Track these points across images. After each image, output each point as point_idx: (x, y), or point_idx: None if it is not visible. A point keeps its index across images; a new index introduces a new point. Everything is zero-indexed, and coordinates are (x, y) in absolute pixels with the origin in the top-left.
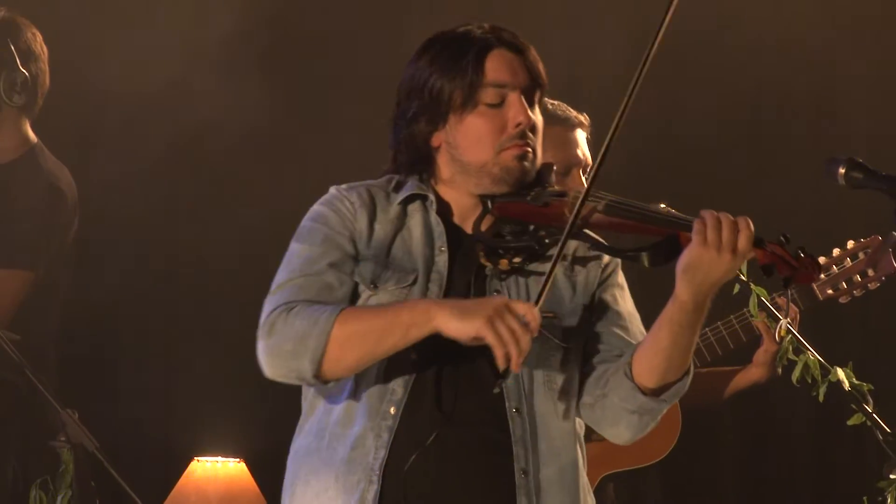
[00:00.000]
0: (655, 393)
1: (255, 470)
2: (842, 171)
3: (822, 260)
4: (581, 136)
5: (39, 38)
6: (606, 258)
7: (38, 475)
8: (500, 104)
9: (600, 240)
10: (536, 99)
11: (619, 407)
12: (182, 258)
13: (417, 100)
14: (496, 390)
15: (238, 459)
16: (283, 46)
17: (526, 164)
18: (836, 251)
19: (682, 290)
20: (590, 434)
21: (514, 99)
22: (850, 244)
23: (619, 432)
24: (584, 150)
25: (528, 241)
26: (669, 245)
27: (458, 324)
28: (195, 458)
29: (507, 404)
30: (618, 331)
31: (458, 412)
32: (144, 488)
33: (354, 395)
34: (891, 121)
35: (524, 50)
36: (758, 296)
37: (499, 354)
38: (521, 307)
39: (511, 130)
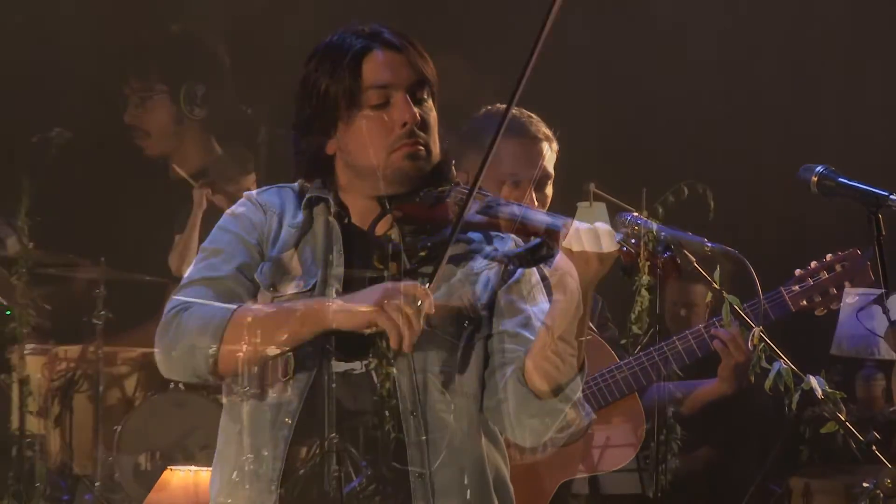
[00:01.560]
0: (552, 394)
1: None
2: (814, 179)
3: (797, 272)
4: (545, 149)
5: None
6: None
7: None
8: (385, 104)
9: (481, 243)
10: (425, 95)
11: (517, 413)
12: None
13: (308, 107)
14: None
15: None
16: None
17: (418, 162)
18: (813, 263)
19: (559, 296)
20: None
21: (399, 98)
22: (829, 257)
23: (523, 436)
24: (543, 164)
25: (420, 243)
26: (538, 248)
27: (350, 318)
28: (169, 467)
29: (400, 406)
30: (520, 330)
31: (354, 417)
32: (118, 497)
33: (256, 407)
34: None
35: (405, 48)
36: (730, 304)
37: (393, 337)
38: (409, 287)
39: (398, 131)
